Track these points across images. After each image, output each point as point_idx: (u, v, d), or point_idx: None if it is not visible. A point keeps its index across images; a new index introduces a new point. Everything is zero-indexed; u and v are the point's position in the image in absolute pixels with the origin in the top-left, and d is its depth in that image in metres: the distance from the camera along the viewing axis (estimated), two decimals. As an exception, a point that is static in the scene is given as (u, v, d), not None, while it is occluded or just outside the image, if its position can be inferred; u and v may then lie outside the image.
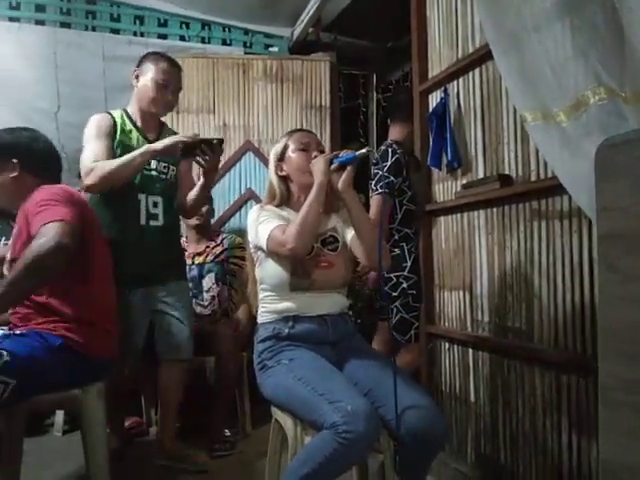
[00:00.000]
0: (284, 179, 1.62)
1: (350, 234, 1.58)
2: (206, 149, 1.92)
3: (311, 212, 1.44)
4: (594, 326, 1.46)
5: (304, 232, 1.42)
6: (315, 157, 1.54)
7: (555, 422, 1.61)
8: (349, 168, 1.48)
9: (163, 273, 2.11)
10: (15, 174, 1.70)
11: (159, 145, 1.92)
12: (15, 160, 1.70)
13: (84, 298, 1.62)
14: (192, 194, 2.18)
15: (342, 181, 1.48)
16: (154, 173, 2.06)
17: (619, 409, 0.96)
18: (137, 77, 2.06)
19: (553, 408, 1.61)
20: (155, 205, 2.06)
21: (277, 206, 1.61)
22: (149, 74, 2.03)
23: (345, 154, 1.49)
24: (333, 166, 1.48)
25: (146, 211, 2.04)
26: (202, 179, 2.09)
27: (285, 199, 1.62)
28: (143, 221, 2.04)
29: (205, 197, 2.24)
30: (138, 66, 2.08)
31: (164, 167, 2.09)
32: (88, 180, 1.89)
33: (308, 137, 1.62)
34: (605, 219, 1.01)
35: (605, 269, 1.00)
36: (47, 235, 1.46)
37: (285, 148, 1.61)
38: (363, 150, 1.46)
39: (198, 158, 1.95)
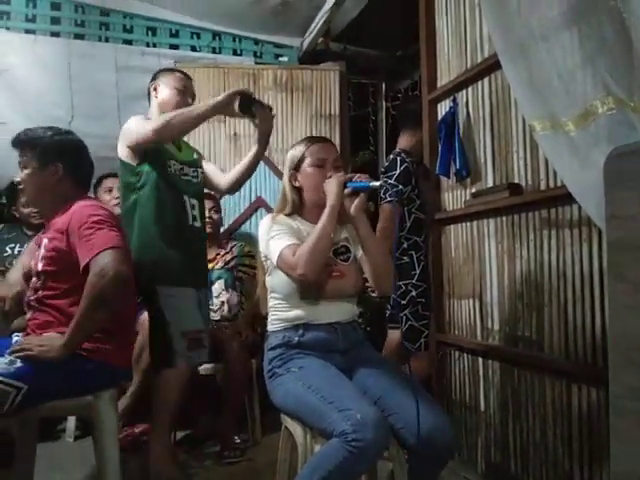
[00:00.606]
0: (297, 189, 1.61)
1: (361, 251, 1.59)
2: (259, 107, 1.96)
3: (323, 237, 1.44)
4: (605, 335, 1.45)
5: (315, 257, 1.42)
6: (330, 177, 1.52)
7: (566, 432, 1.60)
8: (362, 195, 1.50)
9: (205, 276, 2.19)
10: (56, 178, 1.68)
11: (220, 97, 1.92)
12: (60, 164, 1.68)
13: None
14: (240, 167, 2.21)
15: (354, 206, 1.50)
16: (188, 177, 2.10)
17: (630, 418, 0.96)
18: (155, 89, 2.11)
19: (564, 418, 1.61)
20: (193, 207, 2.10)
21: (289, 215, 1.61)
22: (169, 83, 2.10)
23: (359, 180, 1.50)
24: (347, 190, 1.49)
25: (191, 212, 2.08)
26: (255, 147, 2.13)
27: (297, 208, 1.61)
28: (190, 221, 2.07)
29: (256, 167, 2.25)
30: (152, 81, 2.13)
31: (193, 171, 2.13)
32: (152, 124, 1.89)
33: (326, 152, 1.59)
34: (614, 228, 1.01)
35: (614, 278, 1.01)
36: (103, 267, 1.49)
37: (302, 158, 1.58)
38: (376, 183, 1.49)
39: (256, 120, 1.99)
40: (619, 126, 1.12)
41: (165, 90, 2.09)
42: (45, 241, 1.65)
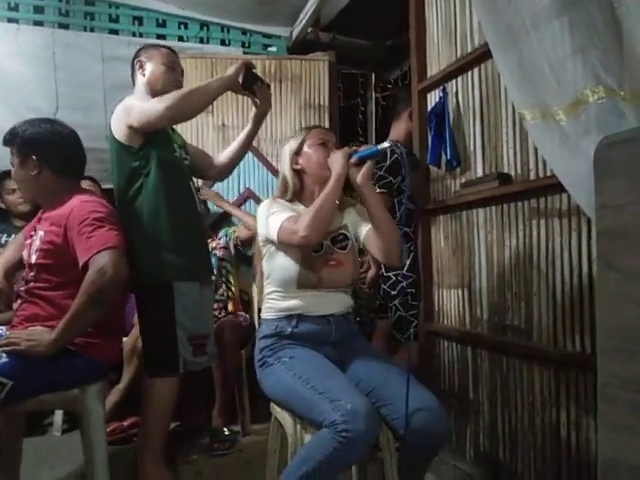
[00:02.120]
0: (298, 173, 1.59)
1: (364, 231, 1.57)
2: (261, 84, 1.90)
3: (327, 202, 1.43)
4: (593, 324, 1.46)
5: (318, 220, 1.40)
6: (334, 153, 1.53)
7: (554, 420, 1.61)
8: (369, 162, 1.48)
9: (212, 269, 2.10)
10: (35, 172, 1.66)
11: (231, 70, 1.81)
12: (34, 157, 1.66)
13: None
14: (230, 151, 2.09)
15: (361, 175, 1.48)
16: (186, 162, 1.98)
17: (618, 406, 0.96)
18: (141, 66, 1.96)
19: (552, 405, 1.62)
20: (195, 192, 1.99)
21: (289, 201, 1.59)
22: (156, 59, 1.95)
23: (365, 149, 1.49)
24: (352, 160, 1.48)
25: (196, 198, 1.97)
26: (248, 126, 2.03)
27: (298, 193, 1.59)
28: (198, 208, 1.96)
29: (247, 150, 2.13)
30: (137, 57, 2.00)
31: (185, 154, 2.01)
32: (165, 101, 1.69)
33: (327, 134, 1.62)
34: (604, 217, 1.01)
35: (604, 267, 1.01)
36: (103, 266, 1.49)
37: (302, 143, 1.59)
38: (385, 144, 1.46)
39: (256, 98, 1.92)
40: (609, 115, 1.12)
41: (152, 67, 1.94)
42: (41, 233, 1.63)
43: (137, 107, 1.76)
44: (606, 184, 1.00)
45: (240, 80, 1.81)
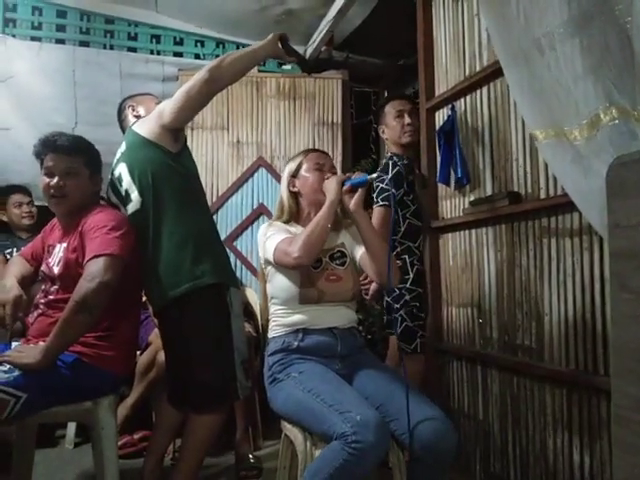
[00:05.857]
0: (295, 195, 1.68)
1: (360, 252, 1.62)
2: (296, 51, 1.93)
3: (319, 226, 1.49)
4: (605, 344, 1.45)
5: (310, 244, 1.46)
6: (328, 178, 1.60)
7: (566, 441, 1.59)
8: (360, 190, 1.55)
9: None
10: (98, 187, 1.79)
11: (266, 39, 1.77)
12: (95, 166, 1.76)
13: (107, 316, 1.61)
14: None
15: (354, 202, 1.54)
16: None
17: (632, 428, 0.95)
18: (134, 109, 2.01)
19: (564, 427, 1.60)
20: None
21: (286, 222, 1.67)
22: (146, 102, 2.02)
23: (357, 176, 1.56)
24: (345, 187, 1.55)
25: None
26: None
27: (294, 215, 1.68)
28: None
29: None
30: (124, 105, 2.06)
31: None
32: (204, 68, 1.65)
33: (323, 158, 1.69)
34: (617, 237, 1.01)
35: (617, 287, 1.00)
36: (92, 272, 1.50)
37: (300, 166, 1.67)
38: (374, 175, 1.58)
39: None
40: (622, 136, 1.13)
41: (146, 107, 1.98)
42: (64, 245, 1.67)
43: (168, 103, 1.70)
44: (619, 204, 1.00)
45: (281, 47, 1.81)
